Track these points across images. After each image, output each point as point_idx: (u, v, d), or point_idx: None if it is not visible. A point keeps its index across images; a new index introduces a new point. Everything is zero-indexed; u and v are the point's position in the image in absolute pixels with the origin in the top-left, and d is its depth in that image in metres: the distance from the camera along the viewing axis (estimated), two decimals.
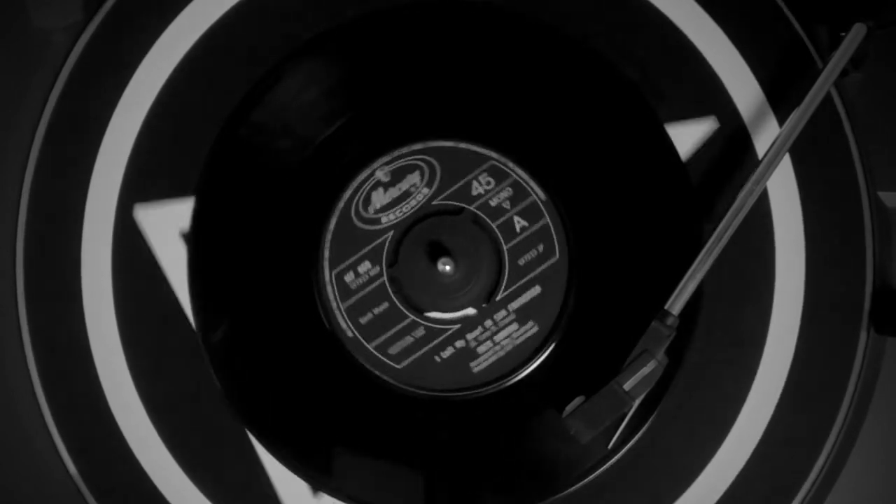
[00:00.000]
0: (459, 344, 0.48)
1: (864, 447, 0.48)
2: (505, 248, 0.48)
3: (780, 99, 0.49)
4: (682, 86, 0.49)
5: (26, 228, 0.48)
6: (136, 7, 0.49)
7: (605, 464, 0.47)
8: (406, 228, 0.49)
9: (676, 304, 0.44)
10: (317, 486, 0.48)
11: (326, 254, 0.48)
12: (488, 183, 0.48)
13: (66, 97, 0.49)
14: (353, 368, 0.49)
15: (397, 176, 0.49)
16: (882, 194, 0.49)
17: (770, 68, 0.49)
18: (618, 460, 0.48)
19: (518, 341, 0.48)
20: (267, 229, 0.49)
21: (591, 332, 0.49)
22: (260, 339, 0.49)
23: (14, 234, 0.48)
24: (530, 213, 0.49)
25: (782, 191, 0.49)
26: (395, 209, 0.49)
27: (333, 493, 0.48)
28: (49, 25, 0.50)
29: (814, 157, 0.49)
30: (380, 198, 0.49)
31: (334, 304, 0.48)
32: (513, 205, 0.49)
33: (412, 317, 0.48)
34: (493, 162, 0.48)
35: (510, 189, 0.49)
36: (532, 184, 0.48)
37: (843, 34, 0.47)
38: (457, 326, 0.48)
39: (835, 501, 0.48)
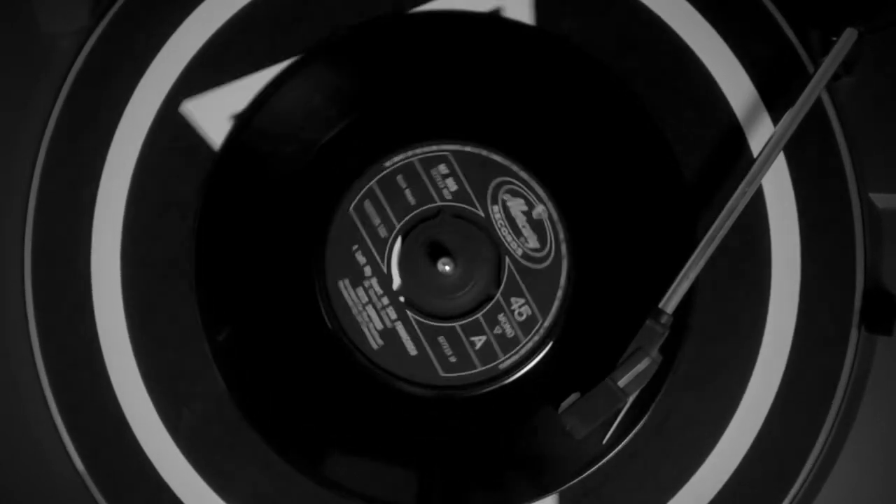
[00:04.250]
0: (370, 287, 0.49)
1: (854, 445, 0.48)
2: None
3: (774, 101, 0.50)
4: (678, 87, 0.50)
5: (33, 232, 0.49)
6: (143, 12, 0.49)
7: (600, 461, 0.48)
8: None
9: (671, 302, 0.45)
10: (317, 480, 0.48)
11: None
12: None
13: (73, 102, 0.49)
14: (354, 367, 0.49)
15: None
16: (873, 196, 0.50)
17: (764, 71, 0.50)
18: (613, 458, 0.48)
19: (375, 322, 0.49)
20: (271, 231, 0.50)
21: (588, 331, 0.49)
22: (263, 338, 0.50)
23: (21, 239, 0.49)
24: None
25: (777, 193, 0.49)
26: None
27: (332, 487, 0.48)
28: (56, 31, 0.50)
29: (806, 159, 0.49)
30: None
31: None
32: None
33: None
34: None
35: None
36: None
37: (835, 39, 0.47)
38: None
39: (826, 498, 0.48)
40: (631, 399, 0.45)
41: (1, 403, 0.49)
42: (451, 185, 0.49)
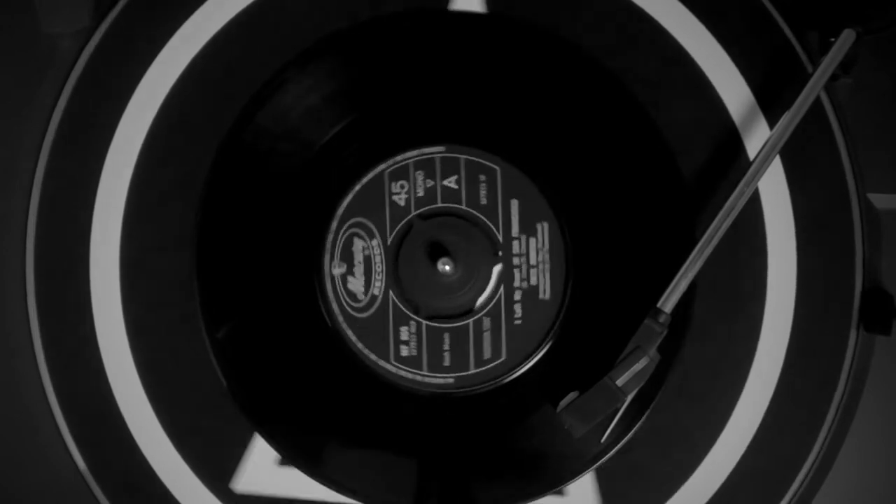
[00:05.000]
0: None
1: (853, 443, 0.49)
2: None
3: (770, 103, 0.50)
4: (675, 90, 0.50)
5: (35, 233, 0.49)
6: (143, 13, 0.50)
7: (598, 460, 0.48)
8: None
9: (668, 302, 0.45)
10: (317, 478, 0.48)
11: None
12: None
13: (74, 103, 0.49)
14: (354, 366, 0.49)
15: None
16: (871, 196, 0.50)
17: (761, 73, 0.50)
18: (611, 457, 0.48)
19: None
20: (271, 230, 0.50)
21: (587, 330, 0.49)
22: (264, 337, 0.50)
23: (23, 239, 0.49)
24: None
25: (774, 192, 0.49)
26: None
27: (332, 484, 0.48)
28: (57, 31, 0.50)
29: (805, 159, 0.49)
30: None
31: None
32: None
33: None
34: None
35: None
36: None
37: (833, 39, 0.47)
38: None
39: (825, 496, 0.49)
40: (629, 398, 0.45)
41: (3, 404, 0.49)
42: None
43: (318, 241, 0.50)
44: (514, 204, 0.50)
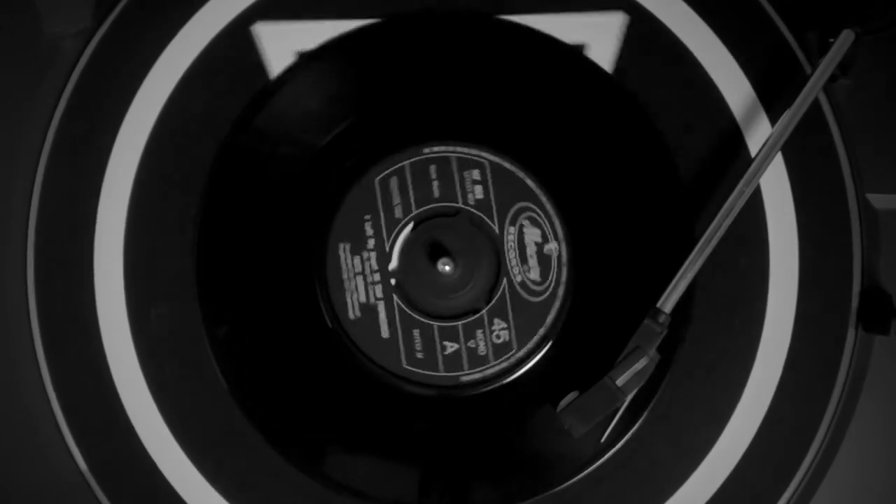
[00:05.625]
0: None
1: (852, 443, 0.49)
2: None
3: (771, 102, 0.50)
4: (676, 88, 0.50)
5: (36, 231, 0.49)
6: (145, 13, 0.50)
7: (598, 459, 0.48)
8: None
9: (668, 301, 0.45)
10: (317, 478, 0.48)
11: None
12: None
13: (76, 102, 0.49)
14: (354, 366, 0.49)
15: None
16: (870, 196, 0.50)
17: (762, 73, 0.50)
18: (611, 457, 0.48)
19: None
20: (271, 231, 0.50)
21: (587, 331, 0.49)
22: (264, 338, 0.50)
23: (24, 240, 0.49)
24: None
25: (775, 193, 0.49)
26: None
27: (333, 484, 0.48)
28: (59, 31, 0.50)
29: (804, 160, 0.49)
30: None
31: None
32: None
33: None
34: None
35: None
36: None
37: (832, 40, 0.47)
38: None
39: (825, 496, 0.49)
40: (629, 398, 0.45)
41: (4, 404, 0.49)
42: (479, 192, 0.50)
43: (319, 242, 0.50)
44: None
